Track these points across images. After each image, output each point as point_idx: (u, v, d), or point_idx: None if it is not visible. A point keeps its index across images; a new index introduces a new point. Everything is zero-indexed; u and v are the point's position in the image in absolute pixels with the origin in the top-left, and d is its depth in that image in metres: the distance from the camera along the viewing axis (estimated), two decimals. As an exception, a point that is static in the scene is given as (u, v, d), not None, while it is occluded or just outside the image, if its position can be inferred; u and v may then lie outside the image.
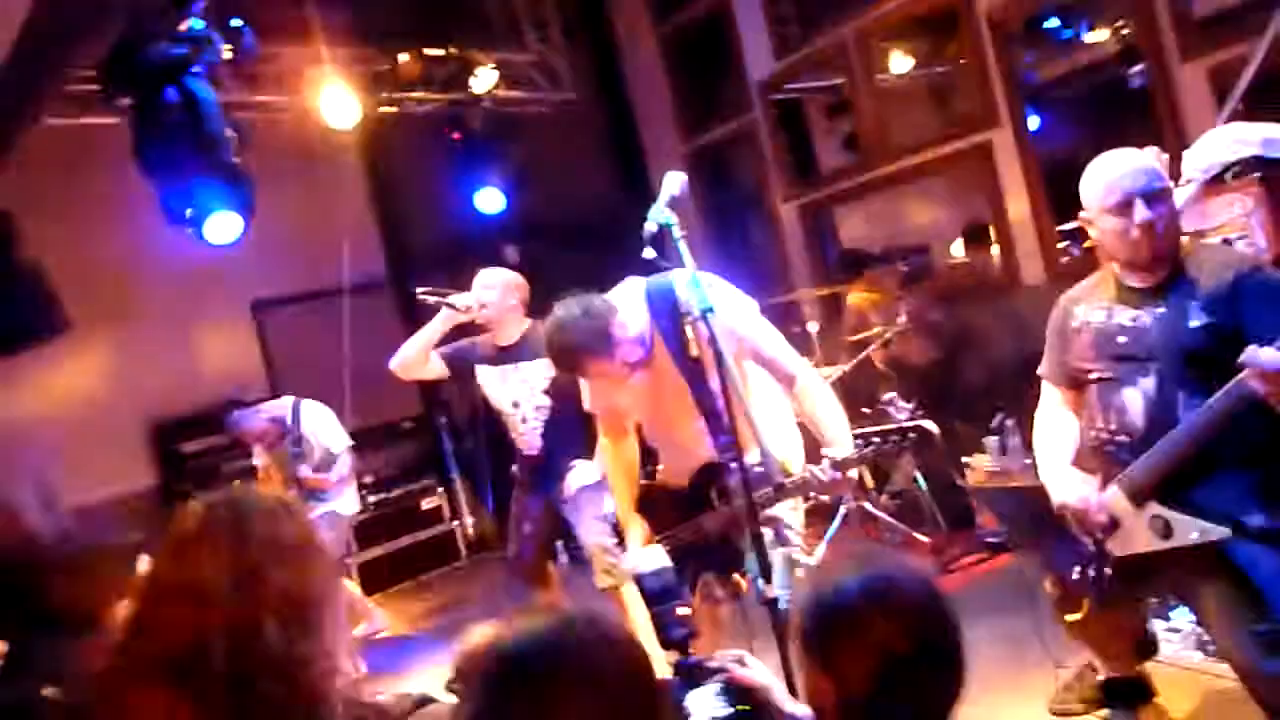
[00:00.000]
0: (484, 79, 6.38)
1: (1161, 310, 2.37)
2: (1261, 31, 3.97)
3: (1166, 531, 2.30)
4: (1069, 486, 2.49)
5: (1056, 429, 2.65)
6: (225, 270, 6.19)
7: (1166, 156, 4.69)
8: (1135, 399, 2.39)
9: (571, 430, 3.86)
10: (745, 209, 7.82)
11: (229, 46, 4.66)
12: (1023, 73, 6.50)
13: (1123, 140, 2.72)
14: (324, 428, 5.30)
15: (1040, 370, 2.74)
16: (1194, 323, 2.30)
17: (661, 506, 2.83)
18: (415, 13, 6.92)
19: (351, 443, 5.37)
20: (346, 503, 5.38)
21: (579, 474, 3.82)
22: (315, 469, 5.17)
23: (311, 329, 7.07)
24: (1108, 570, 2.46)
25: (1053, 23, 8.10)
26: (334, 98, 5.80)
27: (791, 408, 2.76)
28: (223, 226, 4.94)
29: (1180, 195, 3.18)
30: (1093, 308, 2.52)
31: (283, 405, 5.37)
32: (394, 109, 6.45)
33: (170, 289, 6.31)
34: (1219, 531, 2.21)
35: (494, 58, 6.49)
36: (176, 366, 6.56)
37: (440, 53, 6.37)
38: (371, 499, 6.78)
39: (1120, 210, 2.34)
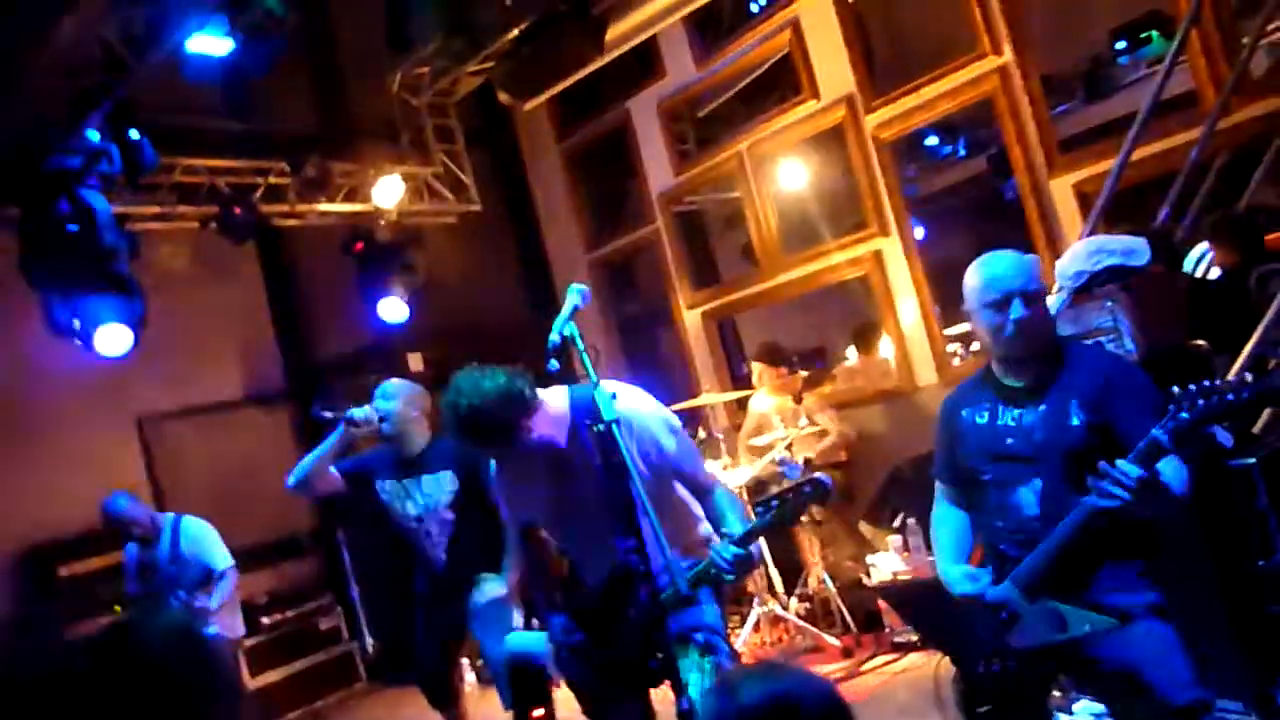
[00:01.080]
0: (388, 190, 6.41)
1: (1043, 409, 2.45)
2: (1118, 151, 4.33)
3: (1061, 625, 2.38)
4: (961, 581, 2.57)
5: (950, 527, 2.74)
6: (111, 384, 5.97)
7: (1039, 260, 5.02)
8: (1028, 497, 2.46)
9: (476, 545, 3.77)
10: (652, 316, 7.97)
11: (127, 157, 4.60)
12: (907, 186, 6.91)
13: (1001, 247, 2.90)
14: (205, 545, 5.06)
15: (933, 471, 2.83)
16: (1074, 421, 2.40)
17: (577, 609, 2.78)
18: (319, 124, 6.99)
19: (234, 562, 5.11)
20: (232, 625, 5.11)
21: (486, 589, 3.72)
22: (193, 589, 4.91)
23: (202, 444, 6.84)
24: (1011, 662, 2.50)
25: (932, 140, 8.69)
26: (234, 208, 5.75)
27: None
28: (112, 339, 4.80)
29: (1053, 303, 3.40)
30: (976, 409, 2.60)
31: (163, 518, 5.13)
32: (296, 221, 6.41)
33: (51, 403, 6.03)
34: (1107, 623, 2.32)
35: (399, 169, 6.55)
36: (55, 486, 6.20)
37: (345, 165, 6.39)
38: (265, 620, 6.45)
39: (998, 306, 2.43)
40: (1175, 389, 2.15)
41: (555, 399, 2.71)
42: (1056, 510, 2.39)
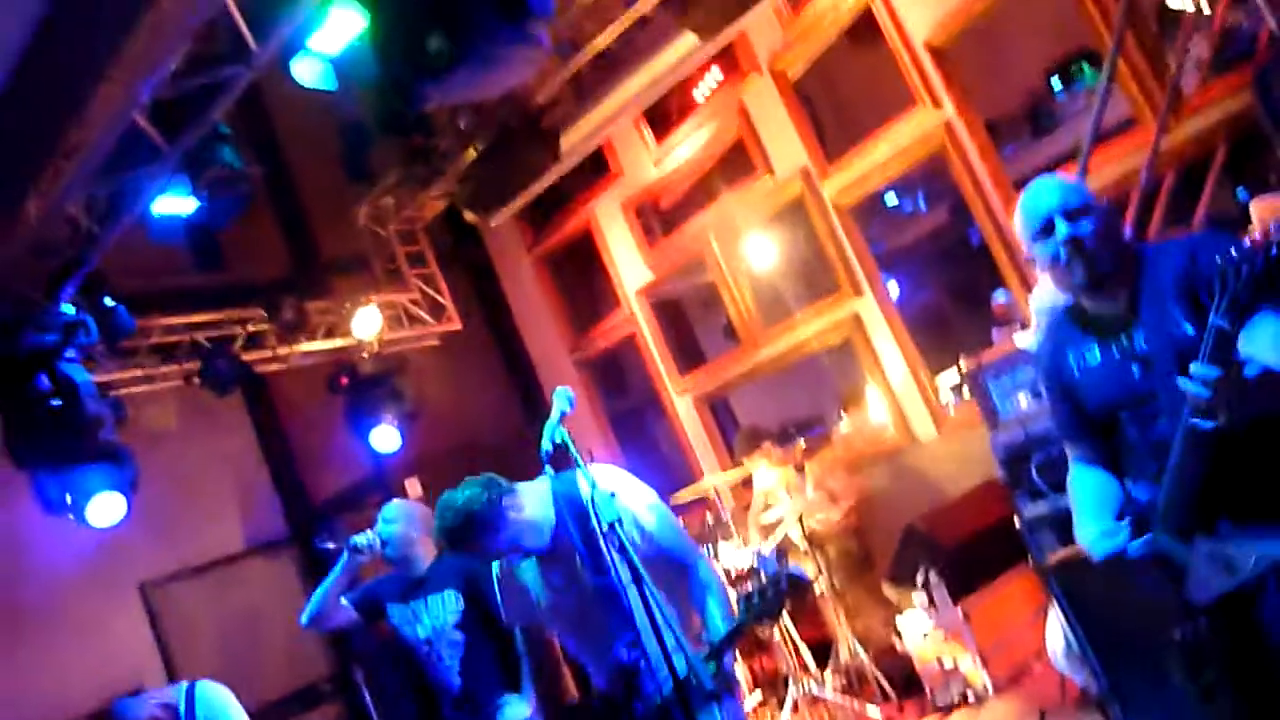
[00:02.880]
0: (367, 322, 6.47)
1: (1147, 329, 2.16)
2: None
3: (1229, 565, 2.02)
4: (1099, 540, 2.22)
5: (1088, 486, 2.34)
6: (109, 553, 5.86)
7: (1012, 298, 5.06)
8: (1167, 429, 2.10)
9: (490, 663, 3.68)
10: (643, 408, 7.97)
11: (104, 326, 4.64)
12: (875, 244, 7.02)
13: (976, 290, 2.90)
14: (222, 711, 4.89)
15: (1059, 434, 2.47)
16: (1182, 328, 2.07)
17: (588, 713, 2.73)
18: (291, 266, 7.10)
19: None
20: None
21: (510, 713, 3.62)
22: None
23: (208, 603, 6.71)
24: (1204, 619, 2.11)
25: (891, 198, 8.87)
26: (216, 360, 5.78)
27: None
28: (105, 508, 4.77)
29: (1029, 336, 3.42)
30: (1083, 350, 2.27)
31: (174, 691, 4.96)
32: (279, 365, 6.44)
33: (49, 580, 5.91)
34: (1276, 550, 1.97)
35: (376, 299, 6.62)
36: (59, 665, 6.04)
37: (321, 303, 6.46)
38: (293, 777, 6.23)
39: (1044, 233, 2.18)
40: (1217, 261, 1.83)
41: (537, 490, 2.74)
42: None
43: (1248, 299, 1.78)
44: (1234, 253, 1.78)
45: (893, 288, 7.16)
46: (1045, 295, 3.40)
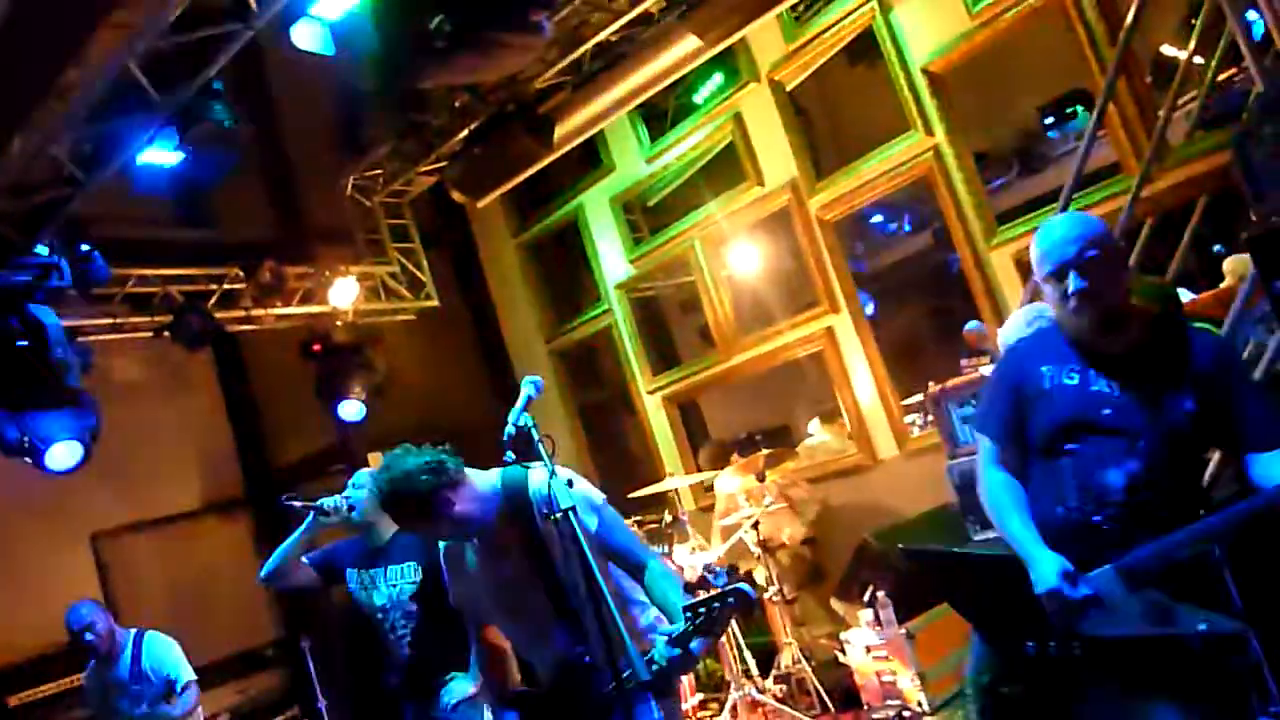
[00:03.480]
0: (344, 291, 6.45)
1: (1145, 384, 2.22)
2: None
3: (1165, 619, 2.13)
4: (1054, 578, 2.21)
5: (1011, 491, 2.39)
6: (63, 500, 5.82)
7: (986, 327, 5.13)
8: (1117, 479, 2.21)
9: (441, 638, 3.70)
10: (613, 402, 8.00)
11: (78, 271, 4.61)
12: (855, 263, 7.09)
13: (951, 316, 2.94)
14: (166, 659, 4.89)
15: (980, 426, 2.52)
16: (1186, 404, 2.18)
17: (529, 704, 2.74)
18: (274, 228, 7.06)
19: (195, 677, 4.94)
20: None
21: (455, 688, 3.64)
22: (155, 702, 4.73)
23: (159, 558, 6.67)
24: (1072, 645, 2.24)
25: (878, 218, 8.95)
26: (188, 315, 5.74)
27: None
28: (63, 455, 4.73)
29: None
30: (1062, 369, 2.31)
31: (124, 634, 4.95)
32: (252, 326, 6.41)
33: (1, 524, 5.87)
34: (1222, 624, 2.09)
35: (355, 270, 6.60)
36: (3, 610, 5.99)
37: (300, 268, 6.43)
38: (231, 737, 6.20)
39: (1057, 279, 2.25)
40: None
41: (484, 478, 2.72)
42: (1149, 499, 2.18)
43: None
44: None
45: (869, 307, 7.24)
46: (1015, 329, 3.47)
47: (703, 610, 2.35)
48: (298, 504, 3.86)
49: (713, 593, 2.37)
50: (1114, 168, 5.11)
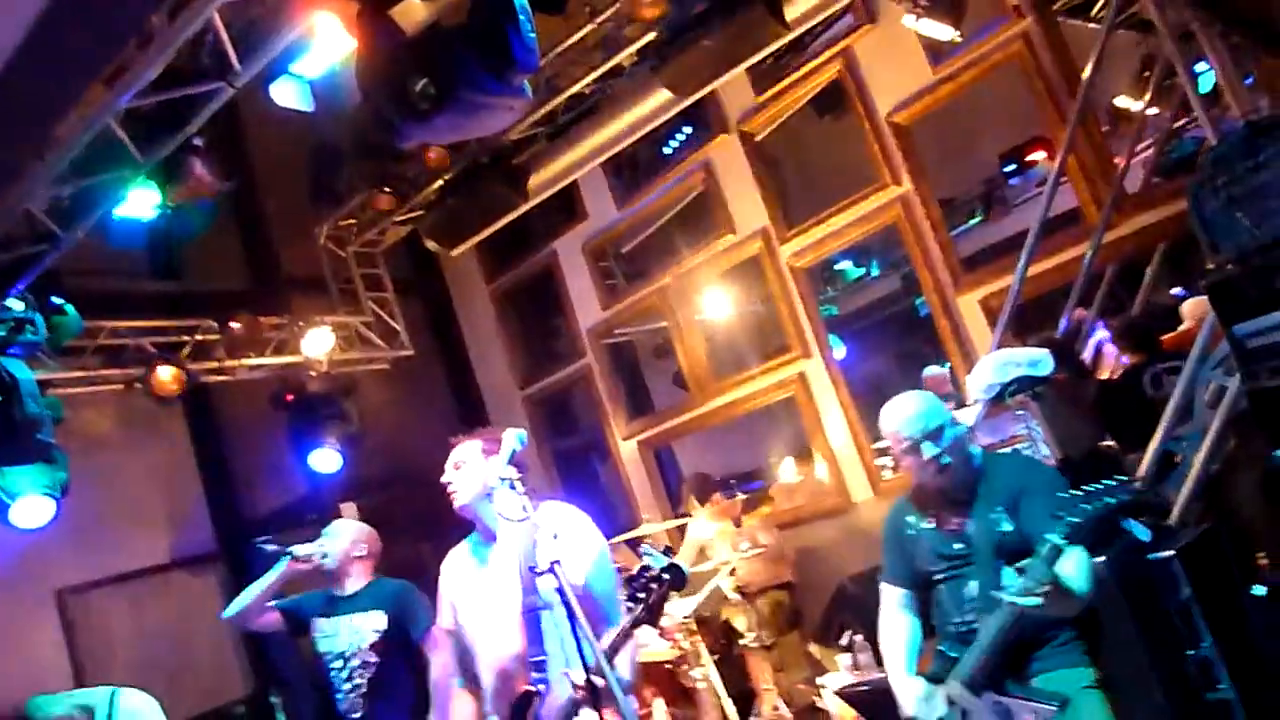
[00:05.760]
0: (318, 341, 6.44)
1: (975, 518, 2.70)
2: (1013, 268, 4.62)
3: (1006, 716, 2.53)
4: (914, 702, 2.72)
5: (900, 633, 2.90)
6: (27, 557, 5.70)
7: (948, 369, 5.22)
8: (975, 590, 2.67)
9: (399, 690, 3.68)
10: (588, 448, 8.00)
11: (51, 325, 4.58)
12: (826, 307, 7.20)
13: (919, 361, 3.13)
14: (143, 718, 4.78)
15: (882, 577, 3.01)
16: (1003, 526, 2.64)
17: None
18: (248, 279, 7.05)
19: None
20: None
21: None
22: None
23: (127, 615, 6.54)
24: None
25: (846, 264, 9.10)
26: (160, 368, 5.71)
27: None
28: (32, 510, 4.65)
29: (969, 415, 3.55)
30: (923, 518, 2.84)
31: (97, 694, 4.84)
32: (225, 377, 6.37)
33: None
34: (1047, 711, 2.47)
35: (329, 320, 6.60)
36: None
37: (274, 319, 6.42)
38: (200, 799, 6.06)
39: (911, 451, 2.73)
40: (1066, 494, 2.40)
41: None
42: (991, 605, 2.58)
43: (1080, 530, 2.36)
44: (1080, 492, 2.40)
45: (839, 351, 7.34)
46: (984, 376, 3.55)
47: (642, 596, 2.40)
48: (271, 548, 3.85)
49: (649, 574, 2.42)
50: (1074, 214, 5.26)
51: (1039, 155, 7.14)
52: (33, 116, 2.60)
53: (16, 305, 4.27)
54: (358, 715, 3.77)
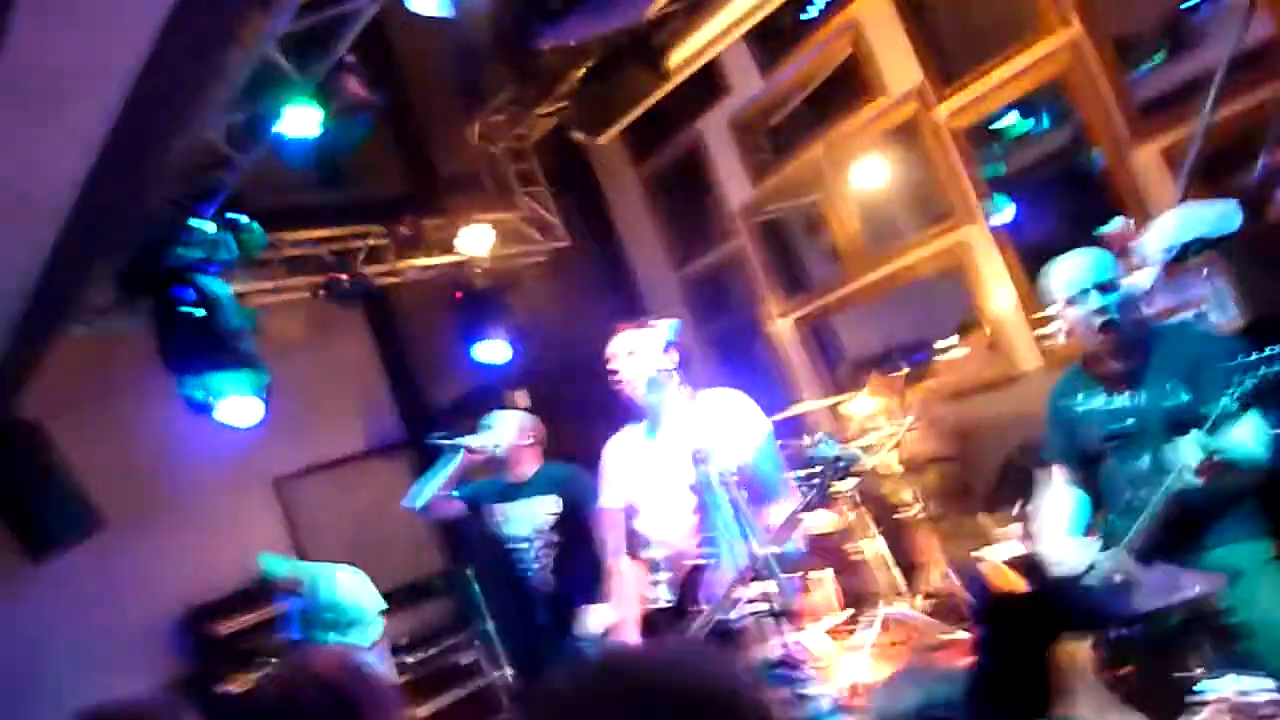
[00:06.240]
0: (479, 239, 6.69)
1: (1147, 388, 2.60)
2: (1199, 112, 4.21)
3: (1175, 587, 2.51)
4: (1070, 551, 2.70)
5: (1064, 504, 2.87)
6: (247, 452, 6.36)
7: (1131, 223, 4.93)
8: (1147, 466, 2.61)
9: (582, 568, 3.93)
10: (744, 328, 8.02)
11: (240, 242, 4.97)
12: (990, 166, 6.79)
13: (1092, 221, 3.00)
14: (356, 592, 5.38)
15: (1044, 454, 2.97)
16: (1178, 398, 2.53)
17: (660, 628, 2.93)
18: (408, 183, 7.34)
19: (385, 606, 5.42)
20: (382, 669, 5.39)
21: (596, 617, 3.86)
22: (346, 630, 5.23)
23: (334, 498, 7.22)
24: (1140, 625, 2.60)
25: (1011, 118, 8.51)
26: (340, 275, 6.10)
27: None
28: (243, 411, 5.17)
29: (1145, 277, 3.35)
30: (1088, 394, 2.76)
31: (317, 568, 5.48)
32: (397, 278, 6.74)
33: (194, 475, 6.47)
34: (1218, 581, 2.44)
35: (487, 217, 6.82)
36: (206, 552, 6.65)
37: (436, 220, 6.70)
38: (409, 659, 6.74)
39: (1078, 303, 2.64)
40: (1241, 357, 2.27)
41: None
42: (1163, 478, 2.51)
43: (1255, 392, 2.23)
44: (1254, 356, 2.25)
45: (1008, 212, 6.96)
46: (1163, 236, 3.32)
47: (815, 482, 2.50)
48: (446, 442, 4.13)
49: (821, 461, 2.52)
50: (1273, 45, 4.71)
51: (1233, -23, 6.36)
52: (201, 50, 2.78)
53: (208, 227, 4.65)
54: (549, 589, 4.08)
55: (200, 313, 4.63)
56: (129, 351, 5.63)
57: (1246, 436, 2.32)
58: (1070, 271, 2.68)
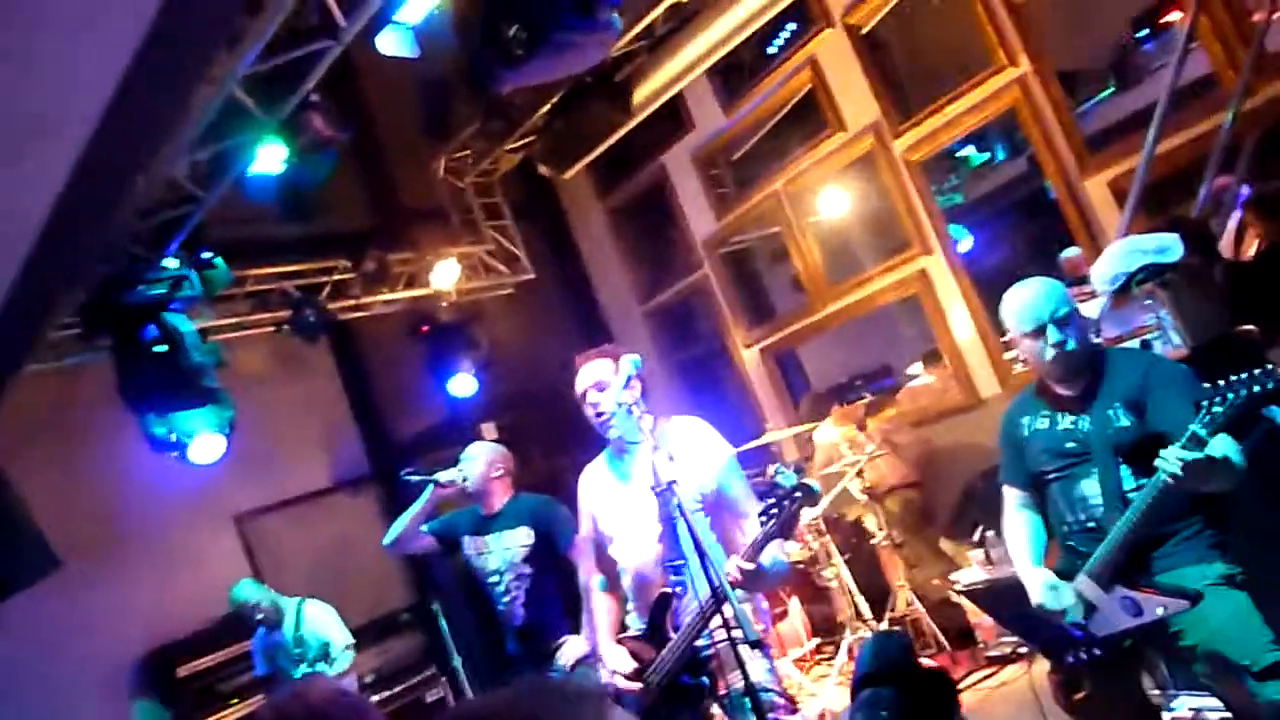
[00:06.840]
0: (445, 272, 6.72)
1: (1093, 414, 2.66)
2: (1141, 146, 4.37)
3: (1137, 610, 2.54)
4: (1041, 591, 2.72)
5: (1023, 529, 2.91)
6: (207, 488, 6.29)
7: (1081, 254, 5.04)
8: (1092, 488, 2.65)
9: (554, 599, 3.94)
10: (710, 358, 8.11)
11: (204, 278, 4.96)
12: (949, 196, 6.96)
13: (1049, 248, 3.06)
14: (324, 625, 5.35)
15: (1000, 478, 3.01)
16: (1122, 422, 2.59)
17: (635, 652, 2.95)
18: (373, 217, 7.36)
19: (353, 640, 5.38)
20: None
21: (570, 648, 3.87)
22: (314, 663, 5.19)
23: (298, 533, 7.14)
24: (1096, 650, 2.65)
25: (969, 150, 8.73)
26: (304, 309, 6.10)
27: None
28: (207, 447, 5.14)
29: (1095, 307, 3.46)
30: (1036, 417, 2.82)
31: (286, 602, 5.44)
32: (362, 312, 6.75)
33: (155, 512, 6.37)
34: (1179, 604, 2.47)
35: (453, 251, 6.86)
36: (167, 589, 6.54)
37: (402, 254, 6.72)
38: (374, 698, 6.66)
39: (1035, 335, 2.67)
40: (1208, 384, 2.30)
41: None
42: (1113, 500, 2.57)
43: (1224, 421, 2.28)
44: (1221, 384, 2.30)
45: (967, 242, 7.11)
46: (1108, 267, 3.44)
47: (775, 512, 2.53)
48: (416, 477, 4.15)
49: (780, 492, 2.55)
50: (1209, 81, 4.90)
51: (1175, 16, 6.62)
52: (168, 90, 2.81)
53: (172, 264, 4.65)
54: (519, 622, 4.08)
55: (163, 349, 4.61)
56: (88, 388, 5.57)
57: (1223, 449, 2.35)
58: (1025, 303, 2.71)
